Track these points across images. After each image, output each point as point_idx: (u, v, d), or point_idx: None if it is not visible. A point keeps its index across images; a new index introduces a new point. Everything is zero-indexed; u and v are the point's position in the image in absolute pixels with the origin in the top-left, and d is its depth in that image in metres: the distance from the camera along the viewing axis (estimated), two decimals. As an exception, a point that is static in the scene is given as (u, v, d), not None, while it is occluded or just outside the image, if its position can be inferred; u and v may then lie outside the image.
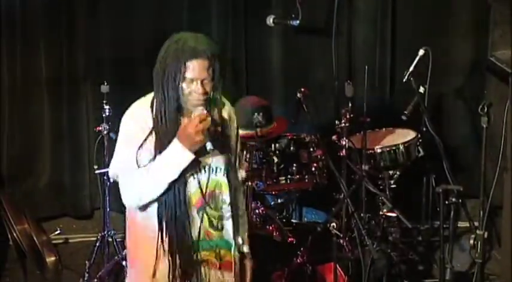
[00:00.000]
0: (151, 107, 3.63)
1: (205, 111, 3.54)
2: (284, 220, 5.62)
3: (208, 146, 3.54)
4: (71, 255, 6.28)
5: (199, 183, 3.66)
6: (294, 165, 5.51)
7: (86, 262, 5.77)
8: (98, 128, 5.76)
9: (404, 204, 5.73)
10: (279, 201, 5.84)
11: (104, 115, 5.73)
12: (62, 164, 6.69)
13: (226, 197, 3.76)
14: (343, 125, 5.41)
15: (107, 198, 5.80)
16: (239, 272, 3.88)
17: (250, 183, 5.24)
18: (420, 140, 5.85)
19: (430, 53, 5.71)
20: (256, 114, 5.37)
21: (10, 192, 6.23)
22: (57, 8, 6.48)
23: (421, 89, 5.69)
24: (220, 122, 3.70)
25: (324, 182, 5.61)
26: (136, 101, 3.72)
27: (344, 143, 5.40)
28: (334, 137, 5.54)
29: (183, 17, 6.60)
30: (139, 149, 3.59)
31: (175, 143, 3.54)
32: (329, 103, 6.45)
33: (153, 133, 3.60)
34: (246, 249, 3.96)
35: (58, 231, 6.54)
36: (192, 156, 3.54)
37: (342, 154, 5.41)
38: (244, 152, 5.46)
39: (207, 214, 3.70)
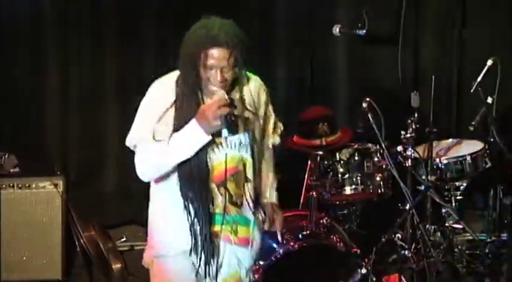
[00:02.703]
0: (177, 82, 3.68)
1: (226, 96, 3.55)
2: (348, 230, 5.59)
3: (225, 133, 3.54)
4: (136, 263, 6.32)
5: (221, 157, 3.67)
6: (359, 175, 5.49)
7: (151, 269, 5.81)
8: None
9: (470, 216, 5.66)
10: (344, 211, 5.83)
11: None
12: (129, 171, 6.73)
13: (249, 174, 3.78)
14: (408, 135, 5.37)
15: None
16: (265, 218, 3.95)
17: (314, 193, 5.23)
18: (487, 151, 5.77)
19: (499, 63, 5.63)
20: (321, 124, 5.37)
21: (77, 200, 6.30)
22: (125, 16, 6.56)
23: (489, 100, 5.61)
24: (243, 100, 3.72)
25: (389, 193, 5.57)
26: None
27: (410, 153, 5.36)
28: (399, 148, 5.50)
29: (249, 27, 6.62)
30: (157, 122, 3.63)
31: (193, 123, 3.55)
32: (395, 113, 6.40)
33: (173, 107, 3.63)
34: (274, 199, 4.05)
35: (124, 239, 6.60)
36: (207, 138, 3.55)
37: (407, 164, 5.37)
38: (309, 162, 5.48)
39: (227, 189, 3.72)
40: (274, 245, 4.81)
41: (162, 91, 3.71)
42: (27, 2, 6.44)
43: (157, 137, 3.62)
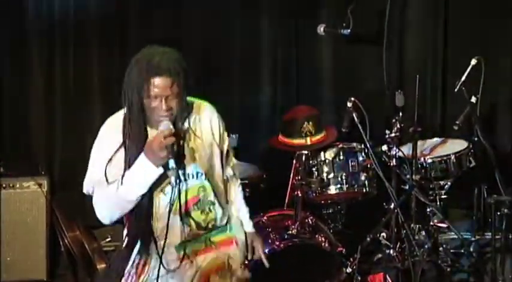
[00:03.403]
0: (124, 120, 3.66)
1: (171, 127, 3.52)
2: (333, 230, 5.60)
3: (171, 163, 3.51)
4: (121, 263, 6.31)
5: (179, 191, 3.66)
6: (344, 174, 5.50)
7: (136, 269, 5.80)
8: (148, 136, 5.79)
9: (455, 215, 5.68)
10: (329, 211, 5.83)
11: (154, 123, 5.77)
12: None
13: (212, 198, 3.78)
14: (393, 134, 5.39)
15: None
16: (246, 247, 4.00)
17: (299, 193, 5.23)
18: (472, 150, 5.79)
19: (483, 63, 5.65)
20: (306, 123, 5.38)
21: (62, 200, 6.28)
22: (110, 15, 6.55)
23: (473, 99, 5.63)
24: (193, 129, 3.72)
25: (374, 192, 5.59)
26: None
27: (394, 152, 5.38)
28: (384, 147, 5.51)
29: (235, 25, 6.63)
30: (107, 164, 3.63)
31: (142, 158, 3.53)
32: (379, 112, 6.42)
33: (122, 148, 3.62)
34: (250, 228, 4.06)
35: (109, 239, 6.58)
36: (158, 171, 3.53)
37: (392, 164, 5.38)
38: (294, 161, 5.48)
39: (193, 219, 3.73)
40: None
41: (109, 133, 3.70)
42: (12, 1, 6.41)
43: (110, 180, 3.61)
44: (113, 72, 6.61)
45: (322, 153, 5.50)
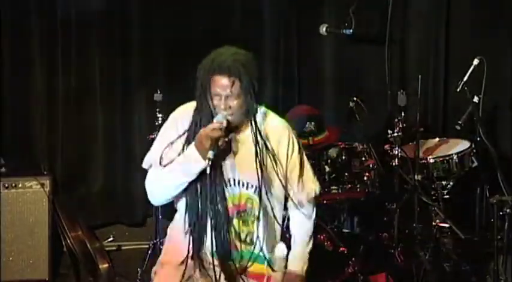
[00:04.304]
0: (195, 110, 3.75)
1: (223, 121, 3.59)
2: (335, 229, 5.60)
3: (210, 154, 3.55)
4: (123, 262, 6.32)
5: (228, 195, 3.72)
6: (346, 174, 5.49)
7: (138, 269, 5.81)
8: (150, 136, 5.80)
9: (457, 215, 5.67)
10: (331, 210, 5.83)
11: (156, 123, 5.78)
12: (115, 172, 6.75)
13: (257, 213, 3.76)
14: (395, 134, 5.39)
15: (159, 206, 5.84)
16: None
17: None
18: (474, 150, 5.78)
19: (485, 63, 5.64)
20: (308, 123, 5.37)
21: (64, 200, 6.29)
22: (111, 18, 6.56)
23: (475, 99, 5.62)
24: (253, 136, 3.74)
25: (376, 192, 5.58)
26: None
27: (396, 152, 5.37)
28: (386, 147, 5.51)
29: (236, 25, 6.63)
30: (167, 146, 3.71)
31: (191, 147, 3.63)
32: (382, 112, 6.42)
33: (185, 136, 3.72)
34: (295, 268, 3.95)
35: (111, 239, 6.59)
36: (203, 163, 3.58)
37: (394, 164, 5.38)
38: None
39: (233, 227, 3.75)
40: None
41: (178, 119, 3.81)
42: (14, 3, 6.41)
43: (164, 162, 3.70)
44: (115, 72, 6.62)
45: (324, 153, 5.49)
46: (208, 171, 3.56)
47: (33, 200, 5.88)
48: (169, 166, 3.67)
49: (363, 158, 5.54)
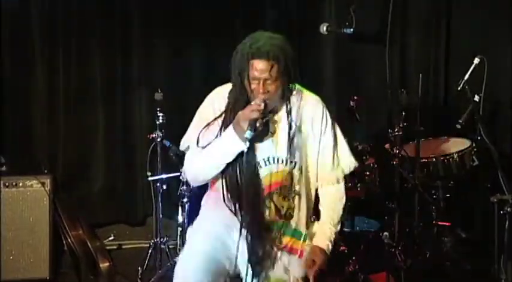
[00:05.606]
0: (230, 92, 3.80)
1: (261, 103, 3.62)
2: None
3: (247, 134, 3.59)
4: (124, 261, 6.32)
5: (268, 172, 3.76)
6: (347, 173, 5.49)
7: (139, 268, 5.81)
8: (151, 135, 5.80)
9: (458, 214, 5.67)
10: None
11: (157, 122, 5.78)
12: (116, 171, 6.75)
13: (299, 189, 3.83)
14: (396, 133, 5.38)
15: (159, 205, 5.85)
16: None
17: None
18: (475, 149, 5.78)
19: (486, 61, 5.64)
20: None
21: (65, 199, 6.29)
22: (112, 17, 6.56)
23: (476, 98, 5.61)
24: (295, 119, 3.81)
25: (376, 191, 5.58)
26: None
27: (397, 151, 5.37)
28: (387, 146, 5.51)
29: (236, 25, 6.63)
30: (205, 128, 3.76)
31: (230, 128, 3.68)
32: (382, 111, 6.42)
33: (222, 117, 3.76)
34: (320, 242, 3.93)
35: (112, 238, 6.59)
36: (241, 145, 3.62)
37: (394, 163, 5.38)
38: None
39: (273, 202, 3.78)
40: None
41: (215, 100, 3.84)
42: (15, 2, 6.41)
43: (201, 144, 3.75)
44: (116, 71, 6.62)
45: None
46: (246, 151, 3.62)
47: (34, 199, 5.88)
48: (207, 148, 3.72)
49: (364, 157, 5.54)
